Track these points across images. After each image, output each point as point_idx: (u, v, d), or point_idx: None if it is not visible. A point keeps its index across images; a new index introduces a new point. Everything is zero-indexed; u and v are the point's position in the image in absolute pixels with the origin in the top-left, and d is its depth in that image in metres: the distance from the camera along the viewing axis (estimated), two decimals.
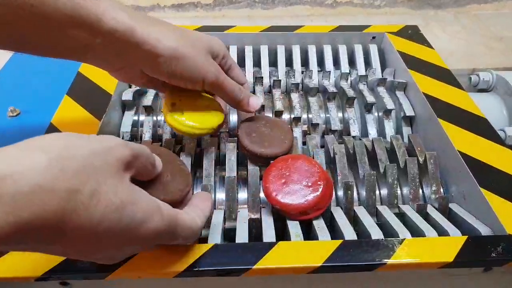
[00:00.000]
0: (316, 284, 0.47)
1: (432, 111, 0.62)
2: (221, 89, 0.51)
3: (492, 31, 1.21)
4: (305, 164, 0.52)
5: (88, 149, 0.30)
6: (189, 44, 0.47)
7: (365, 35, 0.82)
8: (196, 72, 0.48)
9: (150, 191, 0.36)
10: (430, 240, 0.46)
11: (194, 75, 0.48)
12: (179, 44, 0.46)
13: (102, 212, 0.29)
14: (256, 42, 0.81)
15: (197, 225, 0.39)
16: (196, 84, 0.49)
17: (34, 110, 0.65)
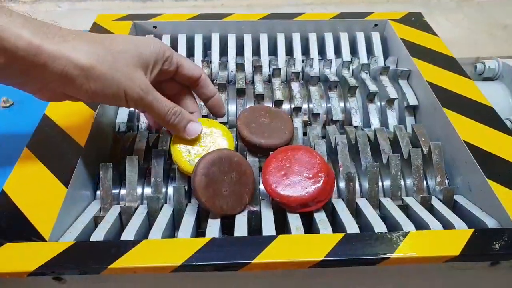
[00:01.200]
0: (318, 279, 0.46)
1: (437, 100, 0.60)
2: (149, 110, 0.48)
3: (495, 19, 1.19)
4: (306, 155, 0.51)
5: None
6: (109, 59, 0.43)
7: (367, 23, 0.80)
8: (117, 91, 0.44)
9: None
10: (435, 233, 0.44)
11: (115, 93, 0.44)
12: (95, 61, 0.42)
13: None
14: (255, 30, 0.79)
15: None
16: (120, 103, 0.45)
17: (28, 100, 0.64)
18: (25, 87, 0.44)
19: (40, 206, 0.46)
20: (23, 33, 0.38)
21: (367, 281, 0.47)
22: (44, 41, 0.39)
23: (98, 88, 0.43)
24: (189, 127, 0.51)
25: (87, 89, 0.42)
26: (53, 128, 0.55)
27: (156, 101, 0.47)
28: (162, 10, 0.94)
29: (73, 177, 0.49)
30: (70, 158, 0.51)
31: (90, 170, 0.55)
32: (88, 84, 0.42)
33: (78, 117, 0.57)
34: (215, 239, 0.43)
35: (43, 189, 0.48)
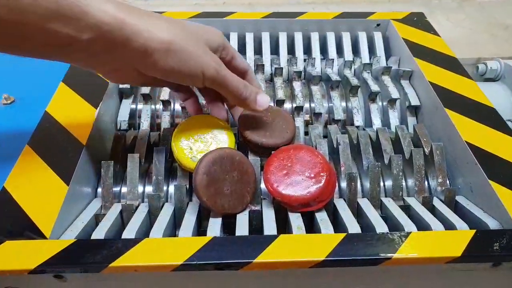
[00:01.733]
0: (319, 279, 0.46)
1: (439, 101, 0.60)
2: (223, 85, 0.47)
3: (497, 19, 1.18)
4: (308, 154, 0.50)
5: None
6: (185, 36, 0.44)
7: (369, 22, 0.80)
8: (195, 66, 0.44)
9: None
10: (436, 234, 0.44)
11: (193, 69, 0.44)
12: (174, 36, 0.43)
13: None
14: (257, 29, 0.79)
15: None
16: (195, 80, 0.46)
17: (29, 97, 0.64)
18: (102, 68, 0.44)
19: (41, 203, 0.46)
20: (107, 8, 0.39)
21: (368, 281, 0.47)
22: (127, 16, 0.40)
23: (175, 63, 0.43)
24: (259, 99, 0.51)
25: (164, 65, 0.43)
26: (54, 125, 0.55)
27: (231, 76, 0.48)
28: (164, 8, 0.94)
29: (74, 175, 0.49)
30: (71, 155, 0.51)
31: (91, 168, 0.55)
32: (166, 59, 0.42)
33: (80, 114, 0.57)
34: (216, 238, 0.43)
35: (44, 186, 0.48)
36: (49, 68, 0.67)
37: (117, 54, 0.41)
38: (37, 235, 0.43)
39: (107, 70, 0.45)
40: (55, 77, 0.64)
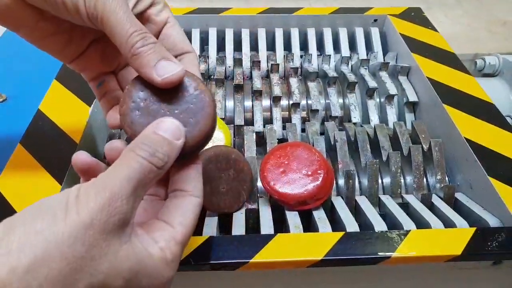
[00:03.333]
0: (317, 278, 0.45)
1: (437, 97, 0.60)
2: (107, 22, 0.32)
3: (495, 16, 1.18)
4: (305, 152, 0.50)
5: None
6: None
7: (367, 18, 0.79)
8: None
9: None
10: (436, 232, 0.44)
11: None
12: None
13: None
14: (253, 25, 0.78)
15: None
16: (67, 13, 0.33)
17: (21, 95, 0.63)
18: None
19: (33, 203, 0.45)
20: None
21: (367, 280, 0.46)
22: None
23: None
24: (161, 64, 0.33)
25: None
26: (47, 124, 0.54)
27: (122, 12, 0.33)
28: None
29: (67, 174, 0.48)
30: (64, 154, 0.50)
31: None
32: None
33: (73, 112, 0.56)
34: (213, 237, 0.42)
35: (37, 186, 0.47)
36: (42, 66, 0.66)
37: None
38: None
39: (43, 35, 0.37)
40: (48, 75, 0.63)
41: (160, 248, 0.30)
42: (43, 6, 0.34)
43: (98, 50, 0.40)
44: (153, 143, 0.30)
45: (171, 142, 0.31)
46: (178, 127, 0.32)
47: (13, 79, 0.65)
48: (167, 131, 0.31)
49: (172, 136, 0.31)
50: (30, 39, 0.38)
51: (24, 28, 0.37)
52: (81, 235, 0.25)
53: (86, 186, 0.27)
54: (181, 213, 0.32)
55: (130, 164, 0.28)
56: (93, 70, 0.41)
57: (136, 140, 0.30)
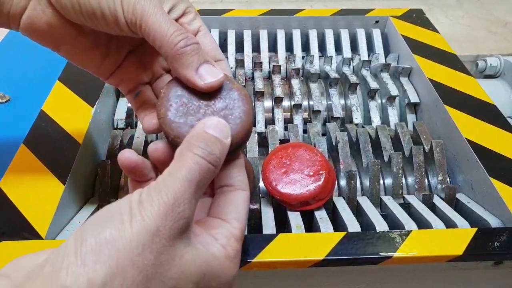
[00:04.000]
0: (318, 278, 0.45)
1: (438, 97, 0.60)
2: (148, 24, 0.33)
3: (495, 16, 1.18)
4: (307, 152, 0.50)
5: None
6: None
7: (368, 19, 0.79)
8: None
9: None
10: (437, 232, 0.44)
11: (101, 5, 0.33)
12: None
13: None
14: (255, 26, 0.78)
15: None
16: (110, 15, 0.33)
17: (24, 96, 0.63)
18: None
19: (37, 203, 0.45)
20: None
21: (369, 280, 0.46)
22: None
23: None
24: (204, 67, 0.33)
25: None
26: (50, 124, 0.55)
27: (160, 13, 0.33)
28: None
29: (70, 174, 0.49)
30: (67, 154, 0.51)
31: (88, 167, 0.54)
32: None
33: (76, 113, 0.56)
34: None
35: (40, 186, 0.47)
36: (44, 66, 0.66)
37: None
38: (33, 235, 0.42)
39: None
40: (51, 75, 0.63)
41: (222, 246, 0.30)
42: (82, 21, 0.35)
43: (134, 61, 0.41)
44: (207, 142, 0.30)
45: (221, 141, 0.31)
46: (225, 125, 0.32)
47: (16, 80, 0.65)
48: (216, 130, 0.31)
49: (221, 135, 0.31)
50: (70, 55, 0.39)
51: (64, 45, 0.38)
52: (149, 243, 0.25)
53: (148, 191, 0.27)
54: (234, 208, 0.32)
55: (189, 165, 0.28)
56: (130, 82, 0.41)
57: (190, 140, 0.30)
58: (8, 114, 0.61)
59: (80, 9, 0.34)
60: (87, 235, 0.25)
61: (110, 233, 0.25)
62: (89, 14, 0.34)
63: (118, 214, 0.26)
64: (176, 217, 0.26)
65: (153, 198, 0.26)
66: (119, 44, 0.40)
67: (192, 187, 0.27)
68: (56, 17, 0.36)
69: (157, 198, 0.26)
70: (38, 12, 0.35)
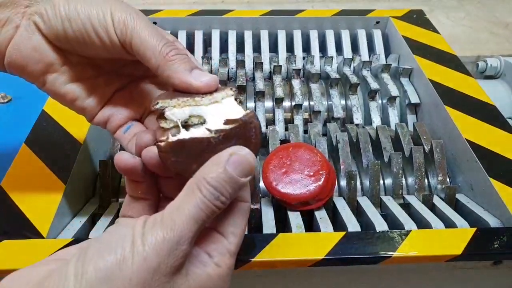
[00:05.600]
0: (318, 277, 0.46)
1: (439, 98, 0.60)
2: (137, 37, 0.34)
3: (497, 17, 1.18)
4: (307, 152, 0.50)
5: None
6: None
7: (369, 20, 0.79)
8: (102, 8, 0.34)
9: None
10: (437, 232, 0.44)
11: (98, 11, 0.34)
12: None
13: None
14: (256, 27, 0.78)
15: None
16: (101, 29, 0.34)
17: (26, 96, 0.63)
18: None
19: (38, 202, 0.46)
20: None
21: (368, 280, 0.47)
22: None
23: (79, 7, 0.34)
24: (196, 71, 0.34)
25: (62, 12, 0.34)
26: (51, 124, 0.55)
27: (151, 28, 0.35)
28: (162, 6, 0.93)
29: (71, 174, 0.49)
30: (68, 155, 0.51)
31: (89, 167, 0.54)
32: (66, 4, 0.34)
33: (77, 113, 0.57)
34: None
35: (41, 185, 0.47)
36: None
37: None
38: (34, 234, 0.43)
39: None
40: None
41: (216, 264, 0.30)
42: (71, 44, 0.36)
43: (123, 97, 0.40)
44: (220, 184, 0.28)
45: (237, 181, 0.29)
46: (251, 162, 0.29)
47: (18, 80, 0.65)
48: (237, 168, 0.29)
49: (242, 173, 0.29)
50: (56, 87, 0.38)
51: (50, 74, 0.37)
52: (148, 281, 0.25)
53: (153, 223, 0.27)
54: (232, 221, 0.31)
55: (197, 204, 0.27)
56: (119, 118, 0.40)
57: (204, 176, 0.28)
58: (10, 114, 0.61)
59: (72, 28, 0.34)
60: (88, 267, 0.25)
61: (111, 268, 0.25)
62: (81, 32, 0.34)
63: (120, 246, 0.26)
64: (178, 255, 0.26)
65: (158, 232, 0.26)
66: (107, 80, 0.40)
67: (196, 227, 0.27)
68: (43, 42, 0.36)
69: (162, 233, 0.26)
70: (25, 38, 0.35)
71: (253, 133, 0.31)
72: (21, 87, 0.64)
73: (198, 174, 0.29)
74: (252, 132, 0.31)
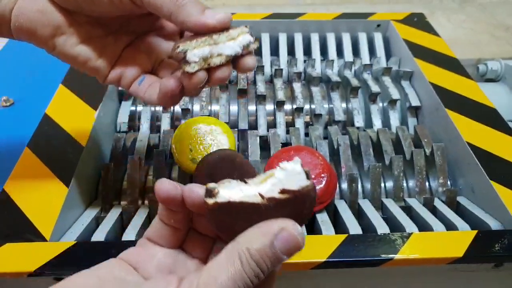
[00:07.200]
0: (320, 280, 0.46)
1: (440, 101, 0.60)
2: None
3: (498, 20, 1.18)
4: (308, 155, 0.50)
5: None
6: None
7: (370, 23, 0.80)
8: None
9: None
10: (438, 235, 0.44)
11: None
12: None
13: None
14: (257, 30, 0.78)
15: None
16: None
17: (28, 99, 0.63)
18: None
19: (41, 205, 0.46)
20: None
21: (370, 282, 0.47)
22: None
23: None
24: (208, 11, 0.35)
25: None
26: (54, 127, 0.55)
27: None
28: None
29: (74, 177, 0.49)
30: (71, 157, 0.51)
31: (91, 170, 0.55)
32: None
33: (79, 116, 0.57)
34: None
35: (44, 188, 0.48)
36: (48, 70, 0.67)
37: None
38: (37, 237, 0.43)
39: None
40: (54, 79, 0.63)
41: None
42: (80, 3, 0.36)
43: (133, 51, 0.41)
44: (263, 259, 0.26)
45: (279, 258, 0.26)
46: (300, 244, 0.26)
47: (20, 84, 0.66)
48: (284, 245, 0.26)
49: (286, 251, 0.26)
50: (66, 50, 0.38)
51: (59, 37, 0.38)
52: None
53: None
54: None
55: (234, 278, 0.25)
56: (132, 72, 0.40)
57: (247, 246, 0.26)
58: (12, 117, 0.61)
59: None
60: None
61: None
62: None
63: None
64: None
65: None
66: (115, 38, 0.40)
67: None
68: (49, 5, 0.36)
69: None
70: (30, 1, 0.36)
71: (307, 206, 0.28)
72: (24, 91, 0.65)
73: (242, 241, 0.26)
74: (306, 205, 0.28)
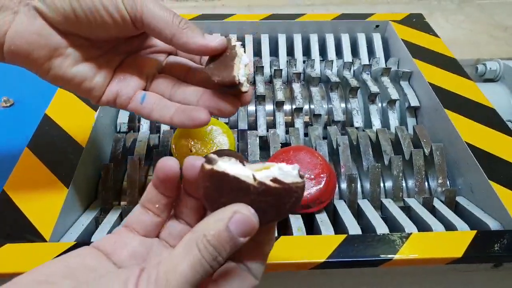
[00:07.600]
0: (319, 280, 0.46)
1: (438, 101, 0.60)
2: (151, 15, 0.36)
3: (496, 21, 1.19)
4: (308, 156, 0.50)
5: None
6: None
7: (369, 24, 0.80)
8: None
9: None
10: (437, 235, 0.44)
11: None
12: None
13: None
14: (256, 31, 0.79)
15: None
16: (108, 18, 0.36)
17: (28, 100, 0.63)
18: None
19: (41, 206, 0.46)
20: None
21: (369, 282, 0.47)
22: None
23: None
24: (208, 35, 0.38)
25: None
26: (54, 128, 0.55)
27: (159, 3, 0.37)
28: None
29: (74, 178, 0.49)
30: (71, 158, 0.51)
31: (91, 170, 0.55)
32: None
33: (79, 117, 0.57)
34: None
35: (44, 189, 0.48)
36: None
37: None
38: (37, 237, 0.43)
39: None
40: None
41: None
42: (77, 27, 0.36)
43: (125, 69, 0.42)
44: (220, 243, 0.26)
45: (235, 240, 0.27)
46: (254, 224, 0.27)
47: (20, 84, 0.66)
48: (239, 227, 0.27)
49: (242, 233, 0.27)
50: (62, 72, 0.38)
51: (55, 59, 0.37)
52: None
53: (147, 282, 0.25)
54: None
55: (193, 265, 0.26)
56: (127, 90, 0.41)
57: (204, 232, 0.27)
58: (12, 118, 0.61)
59: (81, 7, 0.35)
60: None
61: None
62: (91, 11, 0.35)
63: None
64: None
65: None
66: (108, 58, 0.41)
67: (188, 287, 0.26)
68: (47, 27, 0.36)
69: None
70: (26, 24, 0.35)
71: (292, 202, 0.28)
72: (24, 91, 0.65)
73: (199, 229, 0.27)
74: (292, 200, 0.28)
